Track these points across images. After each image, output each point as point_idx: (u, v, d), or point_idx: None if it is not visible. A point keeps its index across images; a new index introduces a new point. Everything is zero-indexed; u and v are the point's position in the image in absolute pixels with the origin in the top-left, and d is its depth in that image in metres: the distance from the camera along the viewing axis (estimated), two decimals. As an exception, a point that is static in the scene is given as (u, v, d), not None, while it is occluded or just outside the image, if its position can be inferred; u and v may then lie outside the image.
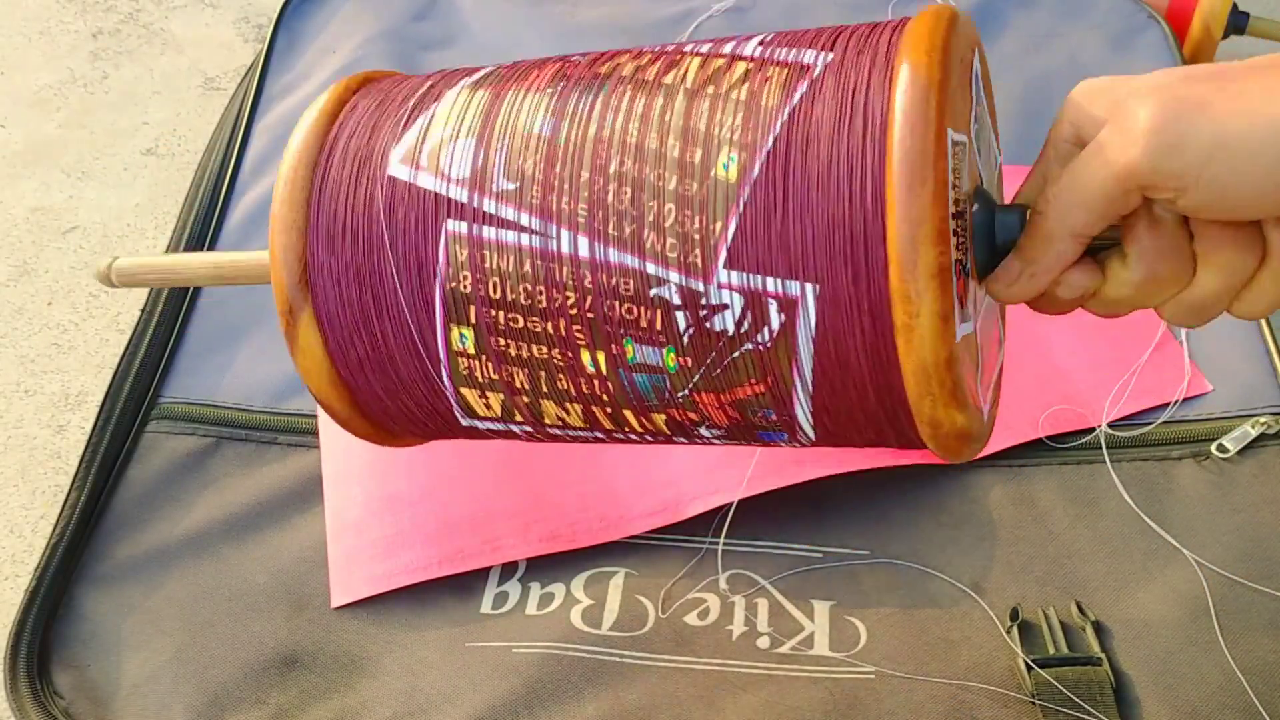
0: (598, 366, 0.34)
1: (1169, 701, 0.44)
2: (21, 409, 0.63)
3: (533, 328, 0.34)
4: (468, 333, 0.35)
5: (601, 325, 0.33)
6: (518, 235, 0.33)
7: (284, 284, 0.36)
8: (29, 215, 0.73)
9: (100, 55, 0.84)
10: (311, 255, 0.36)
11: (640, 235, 0.32)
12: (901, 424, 0.33)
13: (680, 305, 0.32)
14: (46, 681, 0.47)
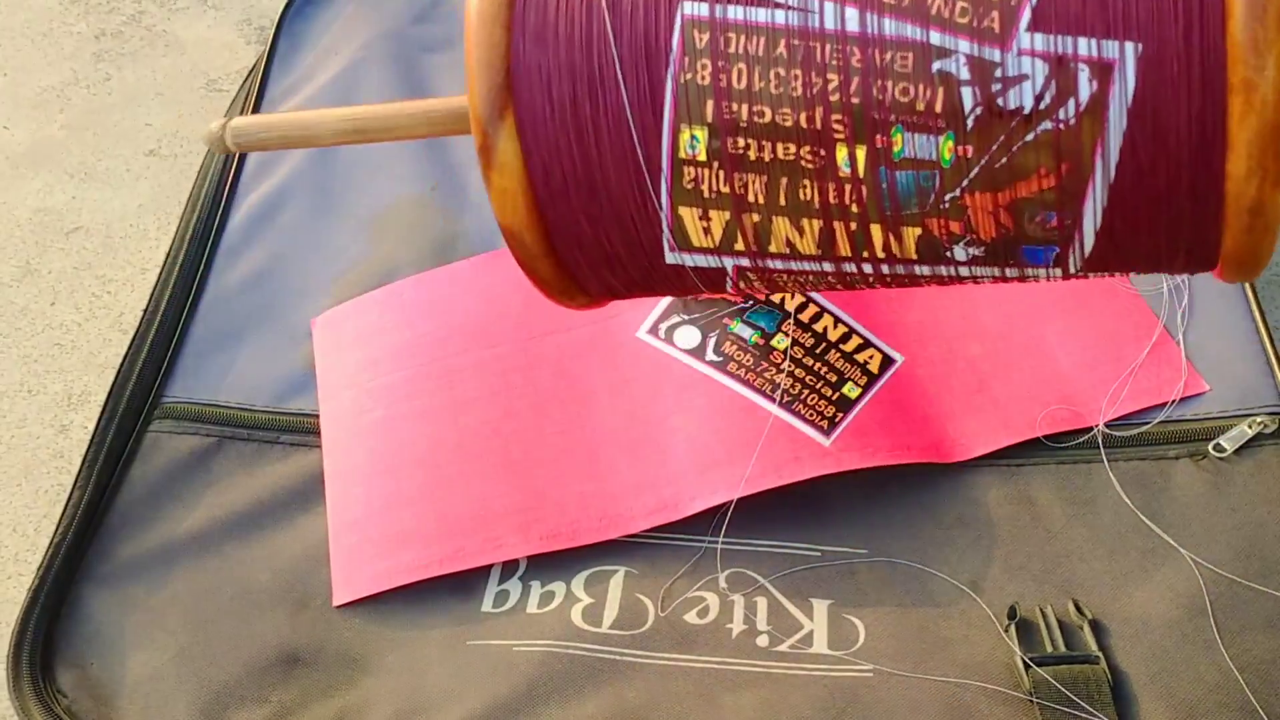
0: (854, 166, 0.29)
1: (1166, 699, 0.44)
2: (24, 409, 0.64)
3: (782, 122, 0.28)
4: (700, 134, 0.29)
5: (868, 112, 0.28)
6: (770, 12, 0.28)
7: (484, 87, 0.31)
8: (32, 216, 0.74)
9: (103, 57, 0.85)
10: (516, 53, 0.30)
11: (924, 3, 0.27)
12: (1205, 224, 0.28)
13: (969, 80, 0.27)
14: (49, 680, 0.47)
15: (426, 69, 0.72)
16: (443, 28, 0.75)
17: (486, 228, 0.63)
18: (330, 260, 0.63)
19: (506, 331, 0.57)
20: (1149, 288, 0.58)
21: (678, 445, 0.52)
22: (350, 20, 0.75)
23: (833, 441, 0.51)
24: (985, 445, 0.53)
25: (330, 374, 0.57)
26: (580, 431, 0.54)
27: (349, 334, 0.59)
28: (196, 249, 0.63)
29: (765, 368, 0.53)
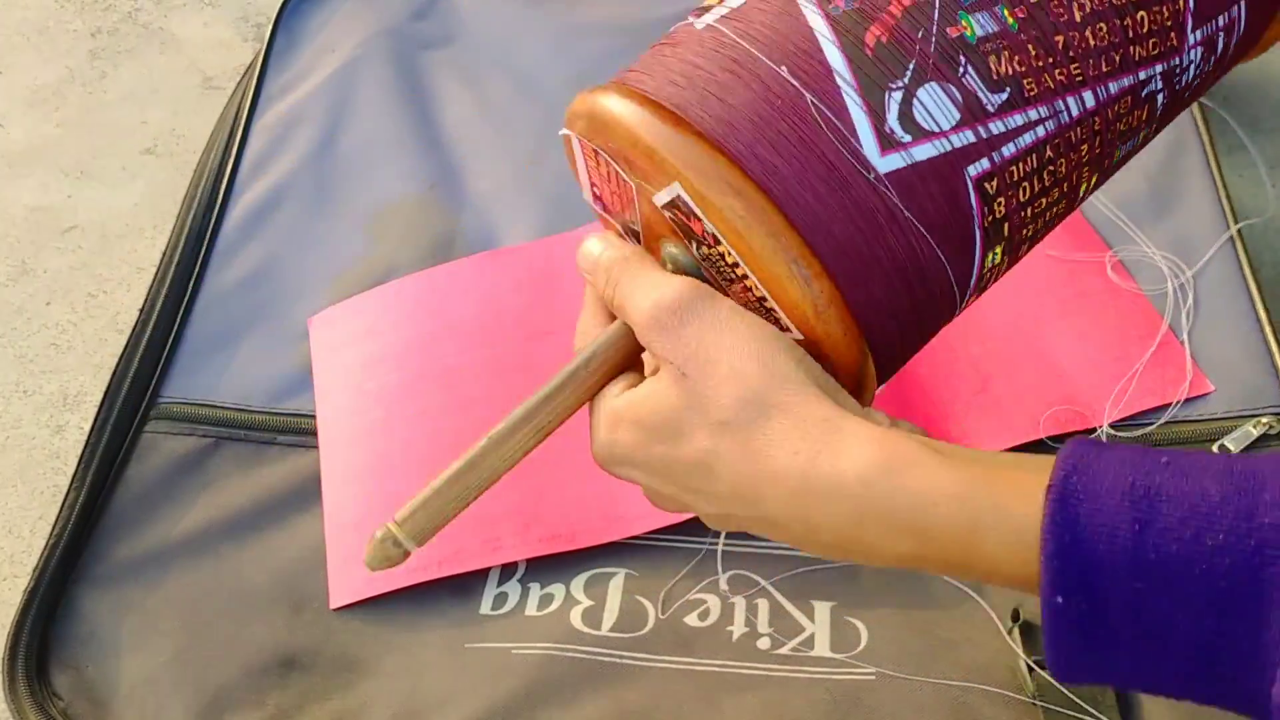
0: (1089, 185, 0.35)
1: (1169, 702, 0.44)
2: (20, 409, 0.63)
3: (1052, 199, 0.33)
4: (999, 249, 0.34)
5: (1107, 153, 0.34)
6: (1033, 132, 0.32)
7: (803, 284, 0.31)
8: (27, 215, 0.73)
9: (99, 54, 0.84)
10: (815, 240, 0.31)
11: (1129, 54, 0.32)
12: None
13: (1161, 89, 0.33)
14: (45, 682, 0.47)
15: (425, 66, 0.72)
16: (440, 25, 0.74)
17: (485, 227, 0.63)
18: (328, 259, 0.62)
19: (506, 331, 0.57)
20: (1154, 288, 0.58)
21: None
22: (347, 17, 0.75)
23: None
24: (988, 446, 0.52)
25: (327, 374, 0.57)
26: (580, 432, 0.53)
27: (346, 333, 0.58)
28: (193, 248, 0.62)
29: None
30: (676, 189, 0.31)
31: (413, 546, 0.35)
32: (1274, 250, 0.68)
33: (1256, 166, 0.72)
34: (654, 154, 0.31)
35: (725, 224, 0.31)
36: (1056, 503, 0.27)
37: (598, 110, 0.32)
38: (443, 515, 0.36)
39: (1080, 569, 0.26)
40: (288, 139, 0.68)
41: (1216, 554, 0.26)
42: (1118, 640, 0.27)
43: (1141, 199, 0.62)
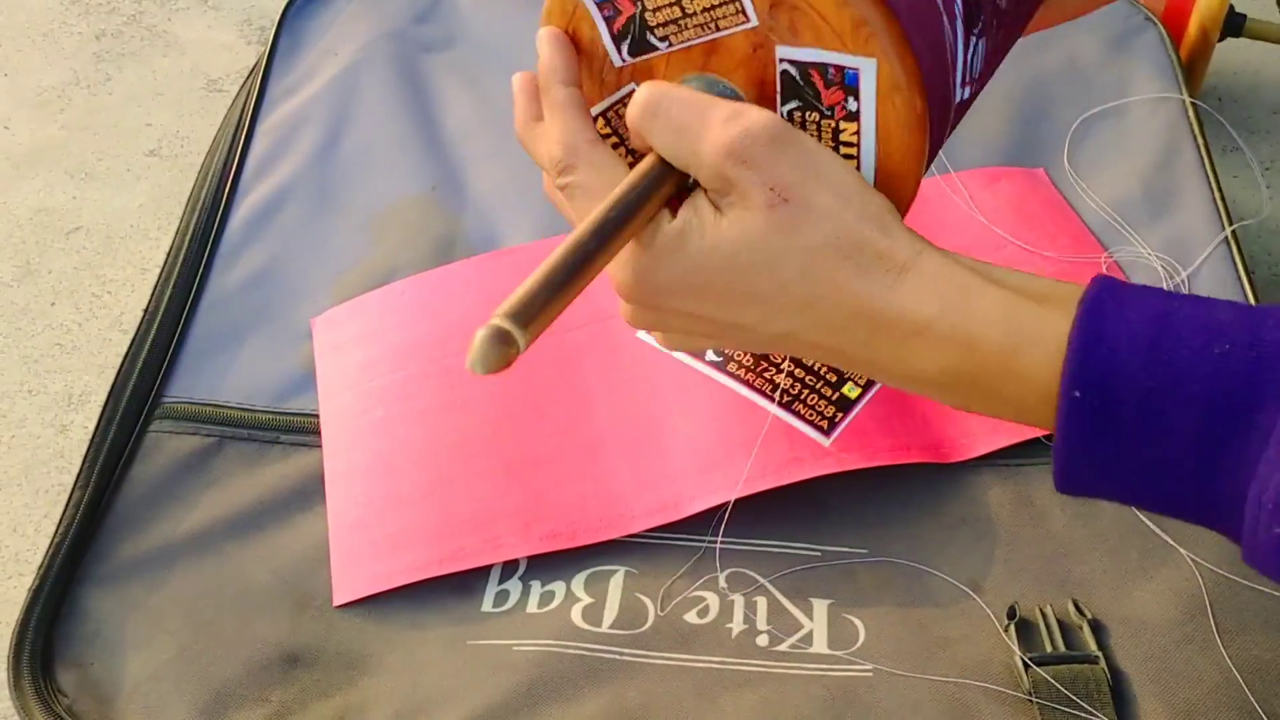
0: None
1: (1166, 699, 0.44)
2: (25, 409, 0.64)
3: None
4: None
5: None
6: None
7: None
8: (33, 216, 0.74)
9: (103, 57, 0.85)
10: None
11: None
12: None
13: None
14: (50, 680, 0.47)
15: (427, 69, 0.72)
16: (443, 27, 0.75)
17: (486, 228, 0.63)
18: (330, 260, 0.63)
19: (506, 331, 0.57)
20: (1149, 288, 0.58)
21: (677, 445, 0.52)
22: (351, 20, 0.75)
23: (832, 442, 0.51)
24: (985, 445, 0.53)
25: (330, 374, 0.57)
26: (580, 431, 0.54)
27: (349, 334, 0.59)
28: (197, 249, 0.63)
29: (765, 368, 0.53)
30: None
31: (524, 340, 0.31)
32: (1269, 251, 0.69)
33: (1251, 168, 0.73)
34: None
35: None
36: (1084, 314, 0.30)
37: None
38: (548, 301, 0.32)
39: (1099, 366, 0.29)
40: (291, 141, 0.68)
41: (1221, 361, 0.29)
42: (1122, 439, 0.30)
43: (1137, 200, 0.62)
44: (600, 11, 0.35)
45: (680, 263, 0.34)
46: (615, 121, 0.38)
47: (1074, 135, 0.66)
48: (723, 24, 0.34)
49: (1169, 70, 0.68)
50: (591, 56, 0.37)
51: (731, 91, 0.35)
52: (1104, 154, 0.65)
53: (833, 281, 0.32)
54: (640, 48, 0.36)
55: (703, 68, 0.35)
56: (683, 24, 0.35)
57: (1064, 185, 0.63)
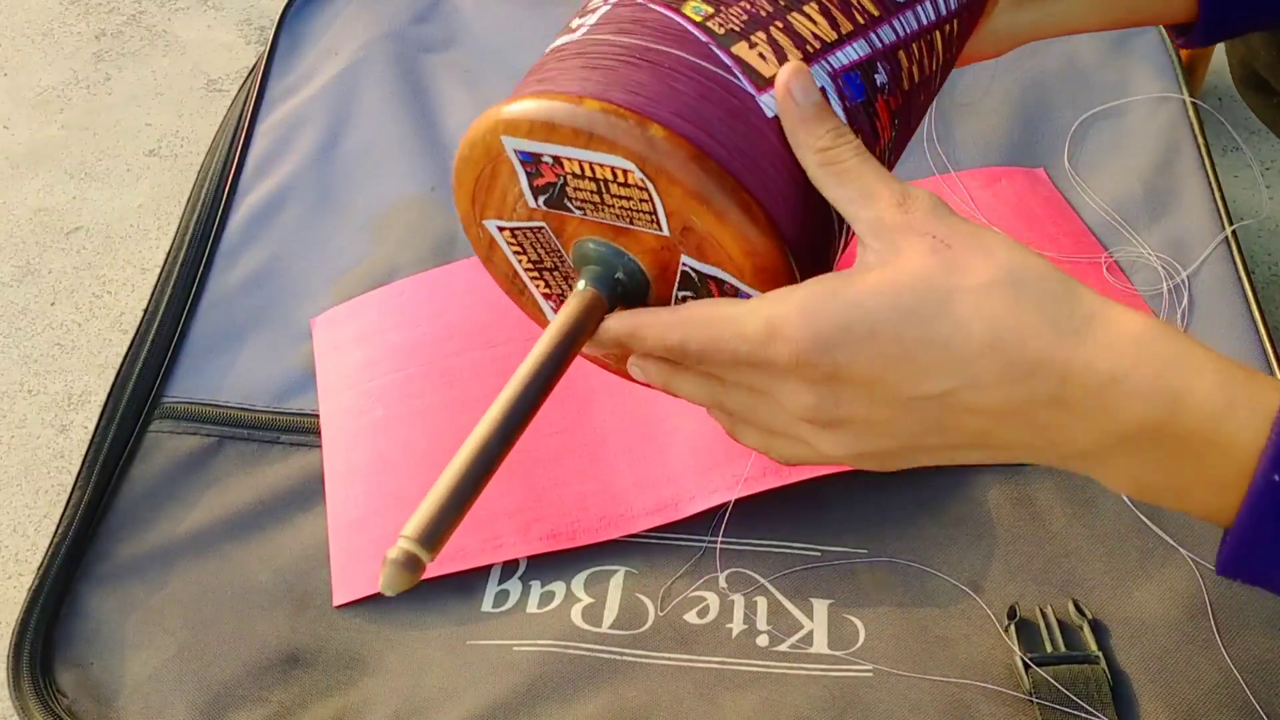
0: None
1: (1166, 699, 0.44)
2: (25, 409, 0.64)
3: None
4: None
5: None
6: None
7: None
8: (32, 216, 0.74)
9: (103, 57, 0.85)
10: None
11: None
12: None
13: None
14: (50, 679, 0.47)
15: (427, 69, 0.72)
16: (443, 27, 0.75)
17: (486, 228, 0.63)
18: (330, 260, 0.63)
19: (506, 331, 0.57)
20: (1149, 289, 0.58)
21: (677, 445, 0.52)
22: (350, 20, 0.75)
23: (833, 441, 0.51)
24: (985, 445, 0.53)
25: (330, 374, 0.57)
26: (580, 431, 0.54)
27: (349, 334, 0.59)
28: (197, 249, 0.63)
29: (765, 368, 0.53)
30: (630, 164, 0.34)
31: (431, 558, 0.33)
32: (1269, 251, 0.69)
33: (1251, 168, 0.72)
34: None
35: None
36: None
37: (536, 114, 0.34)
38: (453, 519, 0.34)
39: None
40: (291, 141, 0.68)
41: None
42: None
43: (1137, 201, 0.62)
44: (524, 168, 0.37)
45: (845, 311, 0.30)
46: (522, 239, 0.39)
47: (1074, 135, 0.66)
48: (637, 222, 0.36)
49: (1169, 70, 0.68)
50: (507, 189, 0.38)
51: (635, 265, 0.37)
52: (1104, 154, 0.65)
53: (1015, 319, 0.29)
54: (556, 205, 0.37)
55: (613, 239, 0.37)
56: (600, 207, 0.36)
57: (1064, 185, 0.63)
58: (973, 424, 0.30)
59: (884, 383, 0.30)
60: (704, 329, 0.33)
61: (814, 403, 0.31)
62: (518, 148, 0.36)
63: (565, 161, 0.35)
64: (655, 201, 0.35)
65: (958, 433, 0.31)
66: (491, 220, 0.40)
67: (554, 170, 0.36)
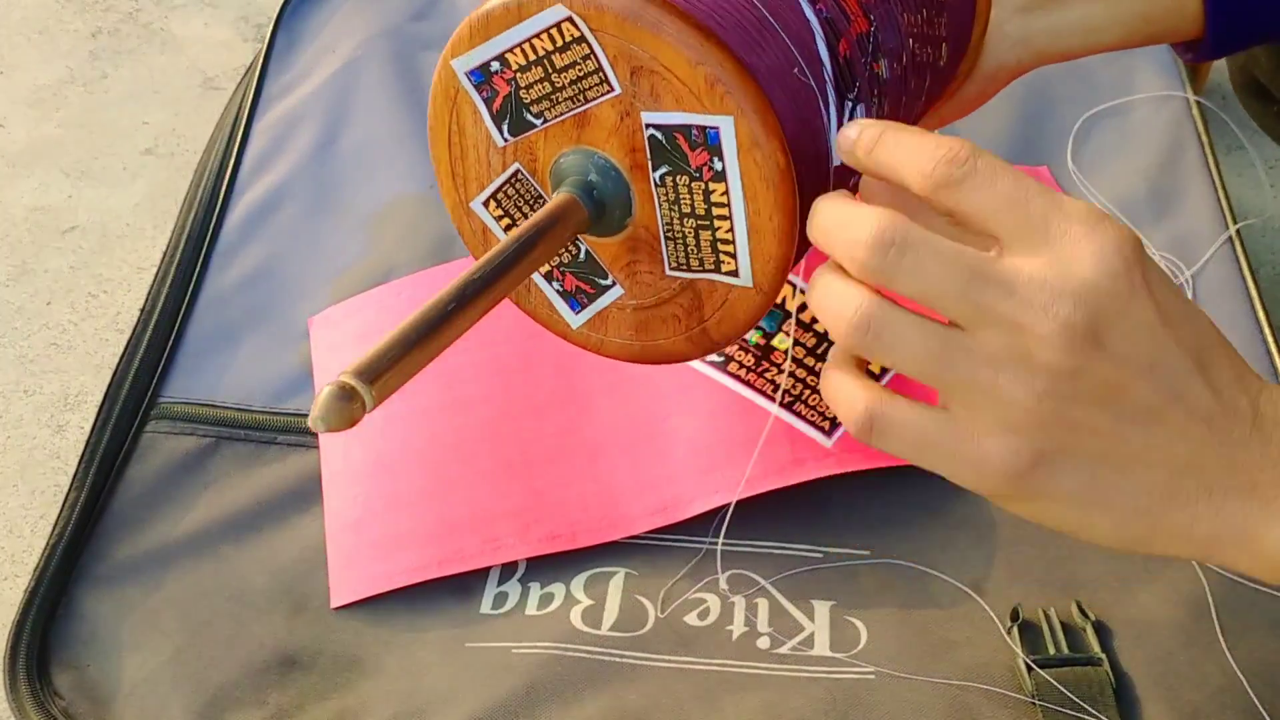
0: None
1: (1170, 702, 0.44)
2: (21, 409, 0.63)
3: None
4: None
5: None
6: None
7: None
8: (28, 215, 0.73)
9: (99, 55, 0.84)
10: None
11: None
12: None
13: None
14: (46, 682, 0.47)
15: (425, 67, 0.72)
16: (440, 25, 0.75)
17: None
18: (328, 259, 0.62)
19: (506, 331, 0.57)
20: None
21: (678, 446, 0.52)
22: (348, 18, 0.75)
23: (834, 442, 0.51)
24: (987, 446, 0.52)
25: (328, 373, 0.57)
26: (580, 432, 0.53)
27: (346, 333, 0.58)
28: (193, 248, 0.62)
29: (766, 368, 0.53)
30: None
31: (371, 398, 0.30)
32: (1273, 250, 0.69)
33: (1255, 167, 0.72)
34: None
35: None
36: None
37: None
38: (393, 359, 0.31)
39: None
40: (288, 139, 0.68)
41: None
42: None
43: (1141, 199, 0.62)
44: (479, 94, 0.36)
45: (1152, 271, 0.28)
46: (505, 202, 0.39)
47: (1078, 133, 0.65)
48: (589, 94, 0.35)
49: (1173, 68, 0.68)
50: (476, 142, 0.38)
51: (604, 160, 0.36)
52: (1108, 152, 0.65)
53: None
54: (519, 126, 0.37)
55: (577, 141, 0.36)
56: (554, 99, 0.35)
57: (1068, 183, 0.63)
58: (1187, 435, 0.28)
59: (1164, 366, 0.28)
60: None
61: (1074, 367, 0.27)
62: (466, 66, 0.36)
63: (509, 56, 0.35)
64: (597, 52, 0.34)
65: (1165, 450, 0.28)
66: (476, 197, 0.39)
67: (503, 77, 0.36)
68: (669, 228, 0.37)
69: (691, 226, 0.37)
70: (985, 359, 0.28)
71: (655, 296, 0.40)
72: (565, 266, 0.40)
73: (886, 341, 0.29)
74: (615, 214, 0.37)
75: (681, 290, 0.39)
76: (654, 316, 0.40)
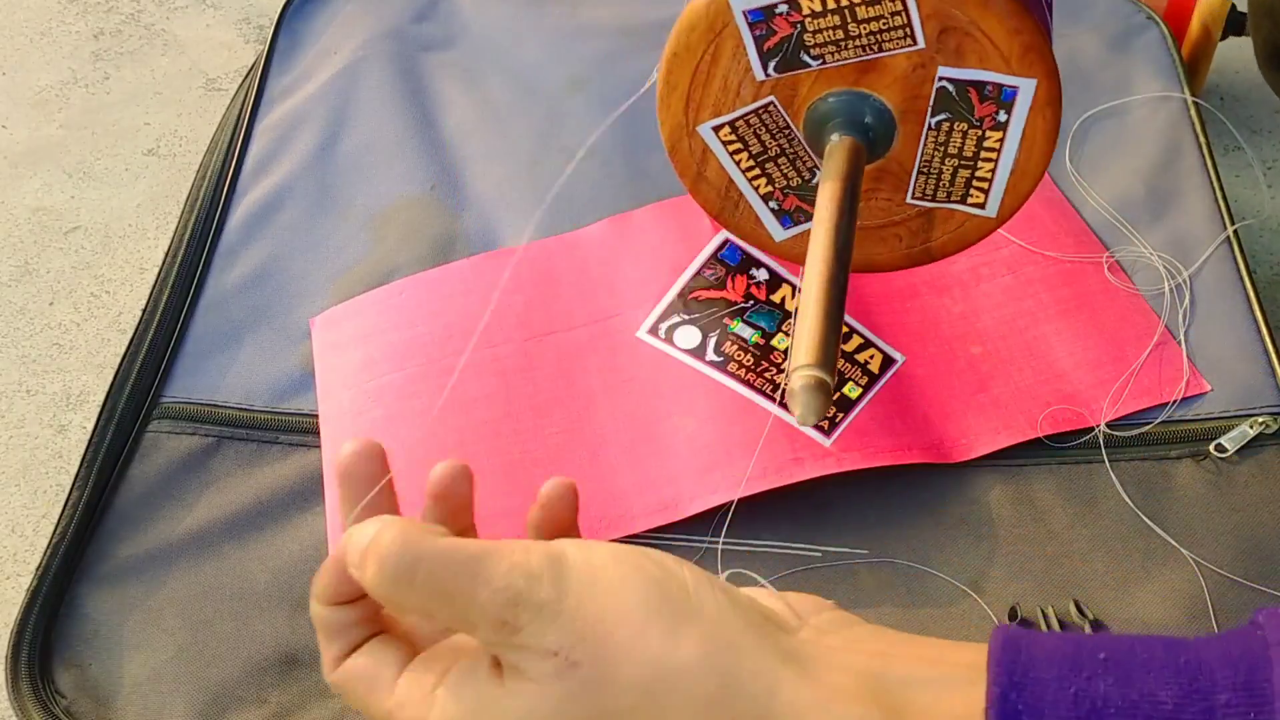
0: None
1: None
2: (23, 409, 0.64)
3: None
4: None
5: None
6: None
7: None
8: (31, 215, 0.74)
9: (102, 56, 0.84)
10: None
11: None
12: None
13: None
14: (48, 680, 0.47)
15: (427, 68, 0.72)
16: (443, 26, 0.75)
17: (486, 227, 0.63)
18: (329, 260, 0.63)
19: (506, 331, 0.57)
20: (1151, 288, 0.58)
21: (678, 445, 0.52)
22: (350, 19, 0.75)
23: (833, 442, 0.51)
24: (986, 445, 0.53)
25: (329, 374, 0.57)
26: (580, 431, 0.54)
27: (348, 334, 0.59)
28: (195, 248, 0.62)
29: (766, 368, 0.53)
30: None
31: (830, 378, 0.32)
32: (1270, 250, 0.69)
33: (1253, 167, 0.72)
34: None
35: None
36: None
37: None
38: (834, 341, 0.34)
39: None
40: (290, 140, 0.68)
41: None
42: None
43: (1139, 200, 0.62)
44: (752, 31, 0.37)
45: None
46: (743, 129, 0.40)
47: (1076, 134, 0.66)
48: (887, 45, 0.37)
49: (1171, 69, 0.68)
50: (728, 72, 0.39)
51: (880, 103, 0.38)
52: (1106, 153, 0.65)
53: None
54: (789, 65, 0.38)
55: (854, 83, 0.38)
56: (843, 44, 0.37)
57: (1065, 184, 0.63)
58: None
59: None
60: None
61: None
62: (747, 5, 0.37)
63: (803, 1, 0.36)
64: (910, 8, 0.35)
65: None
66: (708, 121, 0.40)
67: (788, 19, 0.36)
68: (926, 164, 0.41)
69: (952, 165, 0.40)
70: None
71: (885, 219, 0.43)
72: (791, 189, 0.42)
73: None
74: (877, 151, 0.39)
75: (916, 216, 0.43)
76: (875, 235, 0.44)
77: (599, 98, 0.67)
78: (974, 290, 0.58)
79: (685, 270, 0.57)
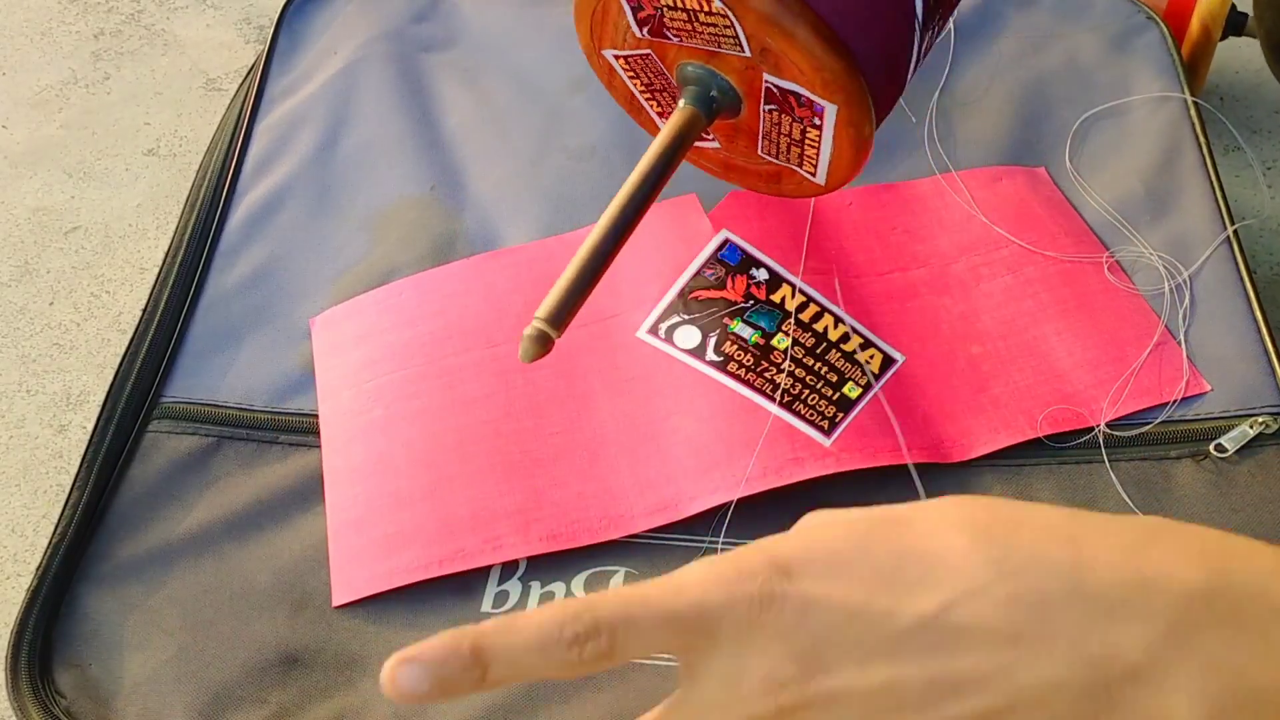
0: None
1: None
2: (23, 409, 0.64)
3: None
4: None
5: None
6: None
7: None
8: (30, 215, 0.74)
9: (102, 56, 0.84)
10: None
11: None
12: None
13: None
14: (48, 680, 0.47)
15: (426, 68, 0.72)
16: (443, 27, 0.75)
17: (486, 227, 0.63)
18: (329, 260, 0.63)
19: (506, 331, 0.57)
20: (1151, 288, 0.58)
21: (678, 445, 0.52)
22: (350, 19, 0.75)
23: (833, 442, 0.51)
24: (986, 445, 0.53)
25: (329, 374, 0.57)
26: (580, 431, 0.54)
27: (348, 334, 0.59)
28: (195, 248, 0.62)
29: (765, 368, 0.53)
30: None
31: (556, 334, 0.41)
32: (1270, 251, 0.69)
33: (1253, 167, 0.72)
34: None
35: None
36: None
37: None
38: (574, 303, 0.41)
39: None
40: (290, 140, 0.68)
41: None
42: None
43: (1138, 200, 0.62)
44: (628, 3, 0.44)
45: (798, 539, 0.26)
46: (635, 64, 0.47)
47: (1075, 134, 0.66)
48: (724, 46, 0.43)
49: (1170, 69, 0.68)
50: (618, 21, 0.46)
51: (726, 83, 0.45)
52: (1105, 153, 0.65)
53: (991, 516, 0.25)
54: (657, 34, 0.44)
55: (706, 61, 0.44)
56: (692, 31, 0.43)
57: (1065, 184, 0.63)
58: (986, 658, 0.23)
59: (869, 614, 0.24)
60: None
61: (791, 670, 0.25)
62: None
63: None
64: (736, 26, 0.41)
65: (974, 679, 0.24)
66: (608, 50, 0.48)
67: (652, 3, 0.43)
68: (766, 135, 0.48)
69: (785, 142, 0.47)
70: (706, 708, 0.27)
71: (746, 163, 0.52)
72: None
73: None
74: (726, 115, 0.47)
75: (768, 165, 0.51)
76: (740, 171, 0.53)
77: (599, 98, 0.67)
78: (974, 290, 0.58)
79: (685, 270, 0.57)
